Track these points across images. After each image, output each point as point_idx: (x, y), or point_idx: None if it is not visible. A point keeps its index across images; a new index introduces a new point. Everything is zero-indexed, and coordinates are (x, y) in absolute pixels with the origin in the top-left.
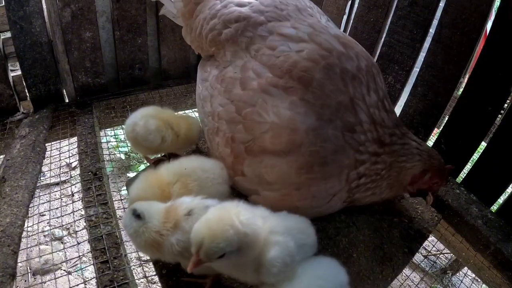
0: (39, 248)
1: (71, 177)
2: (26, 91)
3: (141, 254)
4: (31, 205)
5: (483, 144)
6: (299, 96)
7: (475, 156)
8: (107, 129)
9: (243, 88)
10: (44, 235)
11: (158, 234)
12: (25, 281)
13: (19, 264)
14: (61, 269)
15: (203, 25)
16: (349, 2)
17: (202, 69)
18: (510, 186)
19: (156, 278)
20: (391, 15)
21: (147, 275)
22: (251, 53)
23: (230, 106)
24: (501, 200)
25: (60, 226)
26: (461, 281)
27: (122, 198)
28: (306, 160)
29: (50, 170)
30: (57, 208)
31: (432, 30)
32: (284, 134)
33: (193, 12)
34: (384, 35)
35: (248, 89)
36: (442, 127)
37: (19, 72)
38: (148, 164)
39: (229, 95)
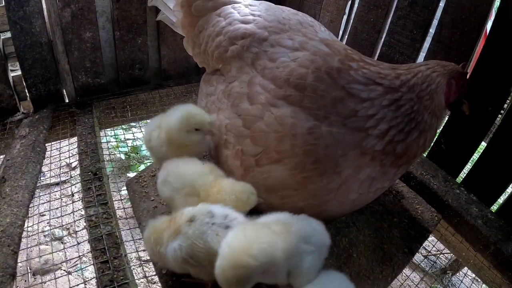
0: (39, 248)
1: (71, 177)
2: (26, 91)
3: (141, 254)
4: (31, 205)
5: (483, 144)
6: (298, 104)
7: (475, 156)
8: (107, 129)
9: (251, 103)
10: (44, 235)
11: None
12: (25, 281)
13: (19, 264)
14: (61, 269)
15: (208, 42)
16: (349, 2)
17: (208, 83)
18: (510, 186)
19: (156, 278)
20: (391, 15)
21: (147, 275)
22: (257, 69)
23: (238, 120)
24: (501, 200)
25: (60, 226)
26: (461, 281)
27: (122, 198)
28: (299, 160)
29: (50, 170)
30: (57, 208)
31: (432, 30)
32: (286, 141)
33: (195, 25)
34: (384, 35)
35: (256, 104)
36: (442, 127)
37: (19, 72)
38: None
39: (236, 109)
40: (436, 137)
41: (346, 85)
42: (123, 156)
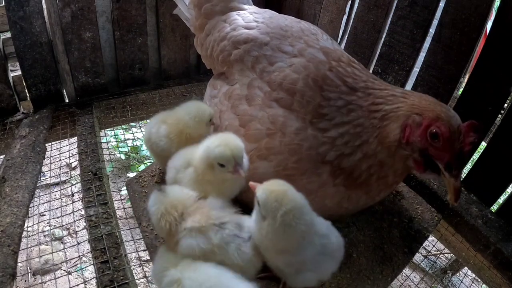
0: (39, 248)
1: (71, 177)
2: (26, 91)
3: (141, 254)
4: (31, 205)
5: (483, 144)
6: (288, 107)
7: (475, 156)
8: (107, 129)
9: (249, 104)
10: (44, 235)
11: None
12: (25, 281)
13: (19, 264)
14: (61, 269)
15: (213, 47)
16: (349, 2)
17: (212, 86)
18: (510, 186)
19: None
20: (391, 15)
21: (147, 275)
22: (256, 72)
23: (235, 120)
24: (501, 200)
25: (60, 226)
26: (461, 281)
27: (122, 198)
28: (283, 158)
29: (50, 170)
30: (57, 208)
31: (432, 30)
32: (276, 138)
33: (203, 27)
34: (384, 35)
35: (254, 105)
36: None
37: (19, 72)
38: None
39: (235, 110)
40: None
41: (324, 92)
42: (123, 156)
